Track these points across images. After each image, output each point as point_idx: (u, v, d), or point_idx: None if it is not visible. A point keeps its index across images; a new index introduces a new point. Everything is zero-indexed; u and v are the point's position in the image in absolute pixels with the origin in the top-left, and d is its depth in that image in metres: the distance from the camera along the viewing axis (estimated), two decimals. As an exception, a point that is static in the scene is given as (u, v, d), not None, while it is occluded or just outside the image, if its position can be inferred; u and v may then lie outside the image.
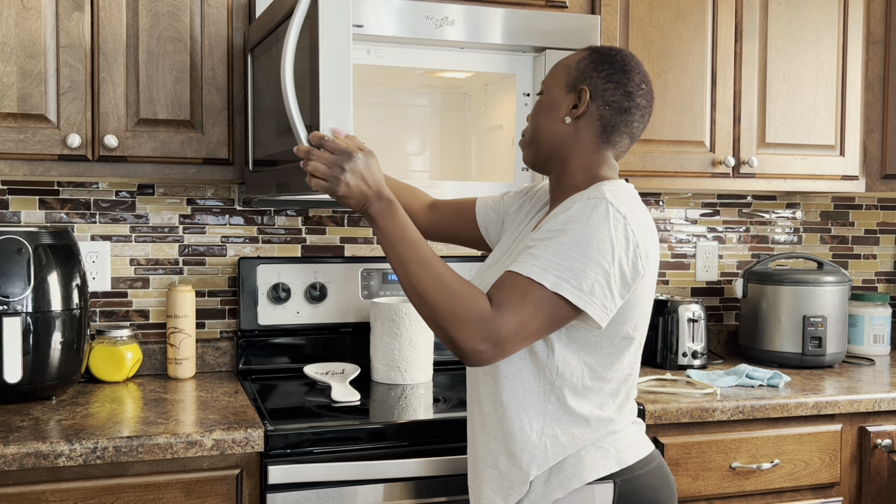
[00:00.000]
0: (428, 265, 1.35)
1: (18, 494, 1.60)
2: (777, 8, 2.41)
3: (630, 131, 1.50)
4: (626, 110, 1.48)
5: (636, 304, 1.42)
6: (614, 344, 1.43)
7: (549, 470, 1.44)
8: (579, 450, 1.43)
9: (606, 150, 1.50)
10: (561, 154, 1.51)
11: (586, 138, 1.49)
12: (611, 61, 1.49)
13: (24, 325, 1.87)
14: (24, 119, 1.88)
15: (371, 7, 1.92)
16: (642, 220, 1.40)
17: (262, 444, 1.71)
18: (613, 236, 1.34)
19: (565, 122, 1.49)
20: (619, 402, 1.47)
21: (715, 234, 2.82)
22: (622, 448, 1.45)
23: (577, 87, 1.49)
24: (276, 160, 1.84)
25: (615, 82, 1.47)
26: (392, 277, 2.38)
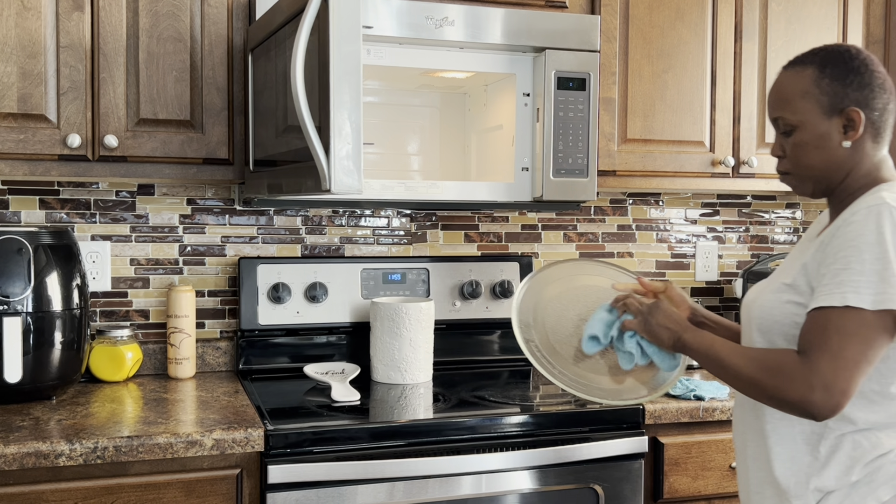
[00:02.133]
0: (734, 357, 1.41)
1: (18, 494, 1.60)
2: (777, 8, 2.41)
3: (893, 117, 1.48)
4: (887, 104, 1.45)
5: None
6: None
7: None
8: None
9: (881, 149, 1.48)
10: (841, 175, 1.47)
11: (864, 151, 1.46)
12: (851, 68, 1.44)
13: (25, 325, 1.87)
14: (24, 119, 1.88)
15: (371, 7, 1.92)
16: None
17: (262, 444, 1.71)
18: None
19: (843, 147, 1.45)
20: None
21: (715, 234, 2.82)
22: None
23: (839, 109, 1.43)
24: (276, 160, 1.84)
25: (870, 86, 1.44)
26: (392, 277, 2.38)
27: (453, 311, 2.43)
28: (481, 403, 1.98)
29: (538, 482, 1.86)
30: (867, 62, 1.45)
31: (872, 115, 1.44)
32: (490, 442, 1.83)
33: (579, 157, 2.10)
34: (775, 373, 1.35)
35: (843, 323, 1.31)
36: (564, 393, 2.11)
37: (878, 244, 1.32)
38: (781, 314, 1.44)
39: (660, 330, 1.54)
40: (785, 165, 1.50)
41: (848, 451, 1.39)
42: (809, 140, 1.45)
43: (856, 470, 1.39)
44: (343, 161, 1.56)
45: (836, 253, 1.36)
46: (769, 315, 1.46)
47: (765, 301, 1.48)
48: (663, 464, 2.00)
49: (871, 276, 1.31)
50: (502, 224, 2.59)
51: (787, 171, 1.50)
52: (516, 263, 2.49)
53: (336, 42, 1.54)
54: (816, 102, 1.44)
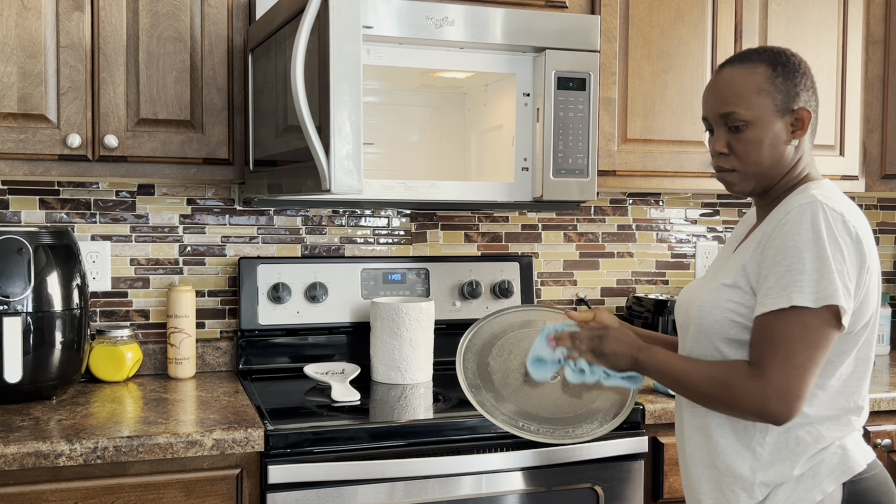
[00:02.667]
0: (689, 374, 1.44)
1: (19, 494, 1.60)
2: (777, 8, 2.41)
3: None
4: (817, 104, 1.50)
5: (870, 300, 1.42)
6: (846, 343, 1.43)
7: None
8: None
9: (811, 144, 1.52)
10: (781, 173, 1.50)
11: (803, 149, 1.50)
12: (797, 69, 1.47)
13: (25, 325, 1.87)
14: (24, 119, 1.88)
15: (371, 7, 1.92)
16: (856, 212, 1.42)
17: (262, 444, 1.71)
18: (839, 236, 1.36)
19: (792, 145, 1.48)
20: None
21: (715, 234, 2.82)
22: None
23: (790, 108, 1.46)
24: (276, 160, 1.84)
25: (809, 87, 1.48)
26: (392, 277, 2.38)
27: (453, 311, 2.43)
28: (481, 403, 1.98)
29: (538, 482, 1.86)
30: (805, 64, 1.49)
31: (813, 114, 1.48)
32: (490, 442, 1.83)
33: (579, 157, 2.10)
34: (730, 387, 1.38)
35: (788, 328, 1.35)
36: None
37: (815, 242, 1.35)
38: (722, 314, 1.45)
39: (614, 357, 1.55)
40: (731, 162, 1.49)
41: (791, 446, 1.42)
42: (763, 137, 1.46)
43: (799, 464, 1.41)
44: (343, 161, 1.56)
45: (776, 255, 1.38)
46: (709, 315, 1.47)
47: (704, 302, 1.48)
48: (663, 464, 2.00)
49: (811, 274, 1.34)
50: (502, 224, 2.59)
51: (732, 168, 1.49)
52: (516, 263, 2.49)
53: (336, 42, 1.54)
54: (771, 100, 1.45)
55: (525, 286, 2.49)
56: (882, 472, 1.46)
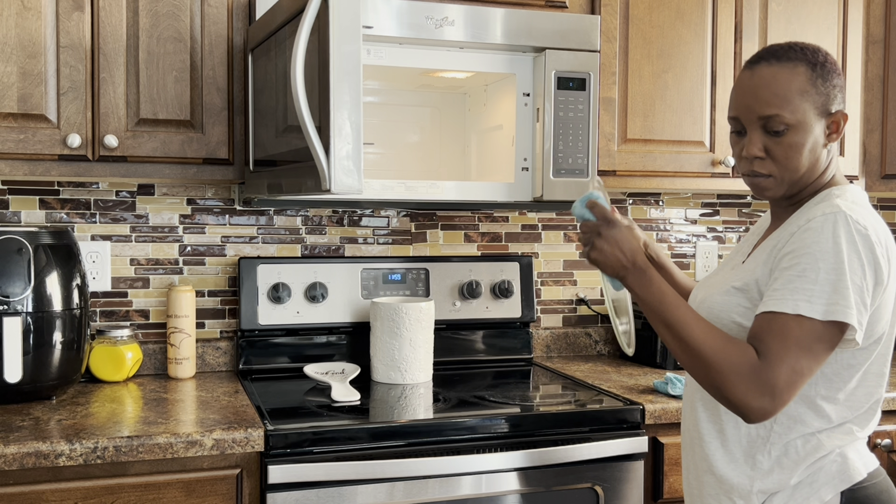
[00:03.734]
0: (690, 327, 1.35)
1: (19, 494, 1.60)
2: (777, 8, 2.41)
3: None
4: (844, 100, 1.44)
5: (882, 315, 1.38)
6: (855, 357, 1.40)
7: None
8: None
9: (837, 147, 1.47)
10: (814, 178, 1.44)
11: (833, 153, 1.45)
12: (833, 70, 1.41)
13: (25, 325, 1.87)
14: (24, 119, 1.88)
15: (371, 7, 1.92)
16: (881, 228, 1.36)
17: (262, 444, 1.71)
18: (861, 251, 1.31)
19: (826, 149, 1.42)
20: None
21: (715, 234, 2.82)
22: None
23: (828, 112, 1.39)
24: (276, 160, 1.84)
25: (843, 89, 1.42)
26: (392, 277, 2.38)
27: (453, 311, 2.43)
28: (481, 403, 1.98)
29: (538, 482, 1.86)
30: (837, 64, 1.43)
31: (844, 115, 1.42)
32: (490, 442, 1.83)
33: (579, 157, 2.10)
34: (731, 371, 1.31)
35: (800, 333, 1.31)
36: (564, 393, 2.11)
37: (833, 253, 1.31)
38: (728, 318, 1.43)
39: (602, 257, 1.45)
40: (767, 167, 1.41)
41: (790, 455, 1.40)
42: (804, 142, 1.38)
43: (797, 472, 1.39)
44: (343, 161, 1.56)
45: (792, 259, 1.34)
46: (716, 318, 1.45)
47: (713, 304, 1.46)
48: (663, 464, 2.00)
49: (824, 286, 1.30)
50: (502, 224, 2.59)
51: (769, 174, 1.41)
52: (516, 263, 2.49)
53: (336, 42, 1.54)
54: (812, 103, 1.38)
55: (525, 286, 2.49)
56: (884, 480, 1.44)
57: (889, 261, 1.35)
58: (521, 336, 2.50)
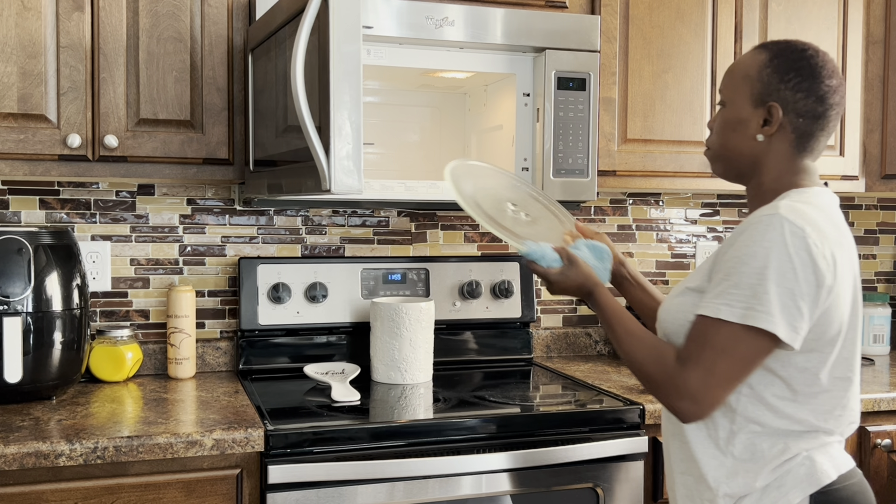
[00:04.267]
0: (625, 339, 1.47)
1: (19, 494, 1.60)
2: (777, 8, 2.41)
3: (828, 131, 1.46)
4: (820, 115, 1.43)
5: (831, 319, 1.36)
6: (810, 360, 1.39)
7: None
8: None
9: (803, 158, 1.46)
10: (753, 168, 1.48)
11: (780, 151, 1.45)
12: (797, 67, 1.42)
13: (25, 325, 1.87)
14: (24, 119, 1.88)
15: (371, 7, 1.92)
16: (825, 228, 1.35)
17: (262, 444, 1.71)
18: (793, 253, 1.30)
19: (757, 140, 1.45)
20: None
21: (715, 234, 2.82)
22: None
23: (765, 102, 1.43)
24: (276, 160, 1.84)
25: (805, 90, 1.42)
26: (392, 277, 2.38)
27: (453, 311, 2.43)
28: (481, 403, 1.98)
29: (538, 482, 1.86)
30: (819, 69, 1.42)
31: (796, 119, 1.43)
32: (490, 442, 1.83)
33: (579, 157, 2.10)
34: (654, 375, 1.40)
35: (717, 337, 1.33)
36: (564, 393, 2.11)
37: (761, 257, 1.31)
38: (684, 318, 1.43)
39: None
40: (709, 140, 1.53)
41: (757, 458, 1.40)
42: (730, 119, 1.47)
43: (763, 474, 1.39)
44: (343, 161, 1.56)
45: (725, 262, 1.36)
46: (673, 319, 1.46)
47: (670, 305, 1.48)
48: (663, 464, 2.00)
49: (745, 290, 1.31)
50: (502, 224, 2.59)
51: (708, 146, 1.53)
52: (516, 263, 2.49)
53: (336, 42, 1.54)
54: (750, 88, 1.44)
55: (525, 286, 2.49)
56: (859, 483, 1.42)
57: (832, 262, 1.34)
58: (520, 336, 2.50)
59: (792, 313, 1.31)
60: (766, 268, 1.30)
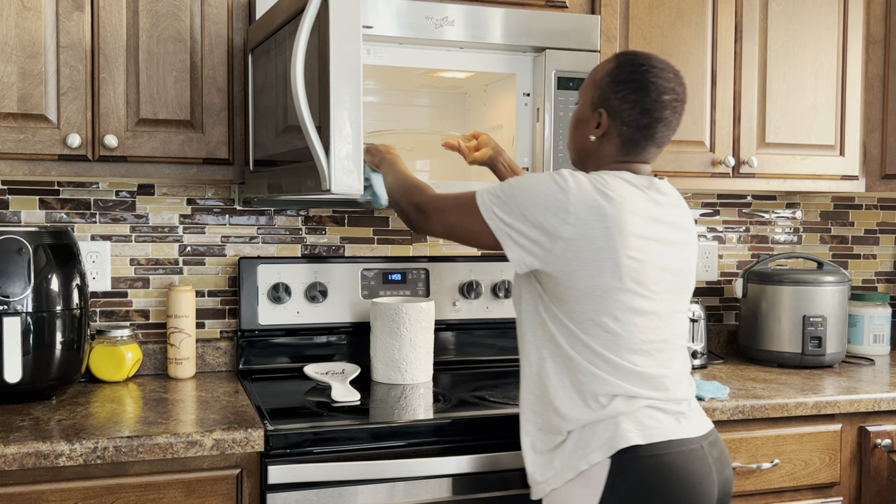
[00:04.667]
0: (405, 179, 1.74)
1: (18, 494, 1.60)
2: (777, 8, 2.41)
3: (655, 142, 1.60)
4: (645, 126, 1.57)
5: (572, 266, 1.50)
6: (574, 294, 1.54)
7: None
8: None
9: (627, 157, 1.61)
10: (586, 163, 1.66)
11: (608, 153, 1.62)
12: (629, 79, 1.56)
13: (24, 325, 1.87)
14: (24, 119, 1.88)
15: (371, 7, 1.92)
16: (598, 184, 1.51)
17: (262, 444, 1.71)
18: (545, 187, 1.51)
19: (590, 140, 1.62)
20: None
21: (715, 234, 2.82)
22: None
23: (597, 107, 1.60)
24: (276, 160, 1.84)
25: (631, 102, 1.56)
26: (392, 277, 2.38)
27: (453, 311, 2.43)
28: (481, 403, 1.98)
29: (538, 482, 1.86)
30: (649, 84, 1.55)
31: (621, 127, 1.57)
32: (490, 442, 1.83)
33: (579, 157, 2.10)
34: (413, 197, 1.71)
35: (468, 202, 1.60)
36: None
37: (530, 177, 1.55)
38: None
39: (369, 157, 1.84)
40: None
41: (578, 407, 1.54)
42: (576, 116, 1.66)
43: (587, 417, 1.54)
44: (343, 161, 1.56)
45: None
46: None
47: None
48: (663, 464, 2.00)
49: (500, 185, 1.58)
50: (502, 224, 2.58)
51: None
52: (516, 263, 2.49)
53: (336, 42, 1.54)
54: (592, 92, 1.61)
55: (525, 286, 2.49)
56: (671, 457, 1.48)
57: (572, 219, 1.48)
58: (521, 336, 2.50)
59: (510, 222, 1.54)
60: (521, 185, 1.54)
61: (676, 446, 1.50)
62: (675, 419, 1.54)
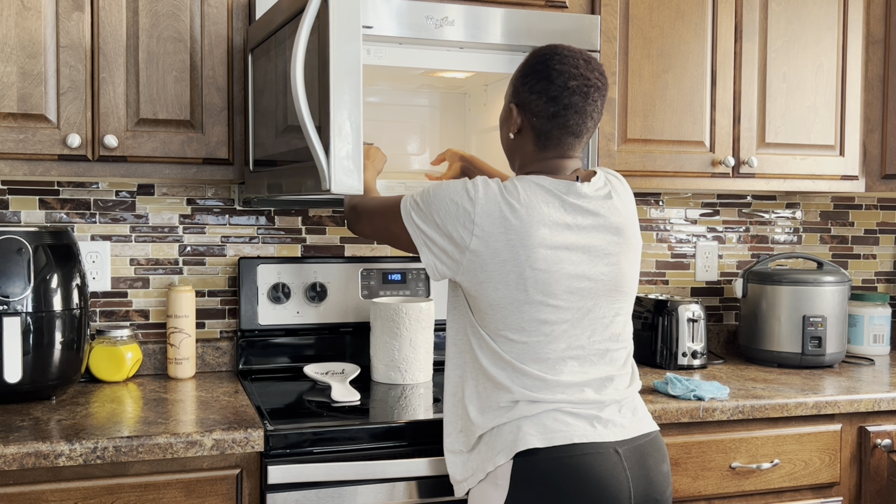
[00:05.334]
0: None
1: (18, 494, 1.60)
2: (777, 8, 2.41)
3: (570, 130, 1.58)
4: (554, 115, 1.57)
5: (478, 277, 1.52)
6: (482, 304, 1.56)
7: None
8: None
9: (546, 153, 1.61)
10: (513, 162, 1.68)
11: (527, 150, 1.63)
12: (533, 70, 1.57)
13: (24, 325, 1.87)
14: (24, 119, 1.88)
15: (371, 7, 1.92)
16: (506, 194, 1.51)
17: (262, 444, 1.71)
18: (457, 195, 1.52)
19: (510, 138, 1.65)
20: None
21: (715, 234, 2.82)
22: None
23: (510, 104, 1.62)
24: (276, 160, 1.84)
25: (537, 92, 1.56)
26: (392, 277, 2.38)
27: (453, 311, 2.43)
28: (481, 403, 1.97)
29: (538, 482, 1.86)
30: (553, 72, 1.55)
31: (532, 118, 1.58)
32: (490, 442, 1.83)
33: (579, 157, 2.10)
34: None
35: (390, 206, 1.64)
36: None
37: (444, 184, 1.56)
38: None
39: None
40: None
41: (485, 413, 1.58)
42: (500, 119, 1.67)
43: (487, 425, 1.57)
44: (343, 161, 1.56)
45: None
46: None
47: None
48: (663, 464, 2.00)
49: (421, 193, 1.59)
50: (502, 224, 2.58)
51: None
52: (516, 263, 2.49)
53: (336, 42, 1.54)
54: (508, 90, 1.63)
55: (525, 286, 2.49)
56: (577, 458, 1.50)
57: (477, 231, 1.50)
58: (521, 336, 2.50)
59: (422, 221, 1.56)
60: (438, 190, 1.56)
61: (582, 449, 1.51)
62: (589, 423, 1.54)
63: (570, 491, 1.49)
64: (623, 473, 1.52)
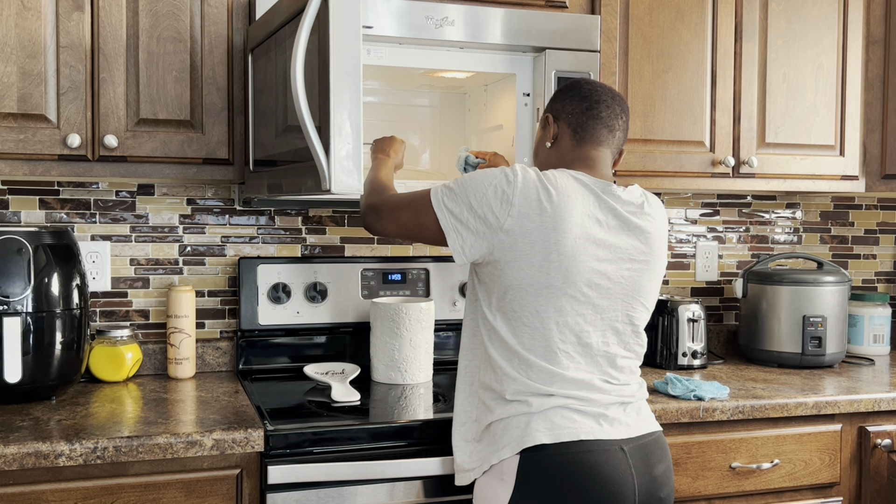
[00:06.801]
0: (373, 180, 1.82)
1: (18, 494, 1.60)
2: (777, 8, 2.41)
3: (603, 122, 1.66)
4: (588, 109, 1.66)
5: (506, 263, 1.55)
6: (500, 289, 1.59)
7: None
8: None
9: (582, 145, 1.67)
10: (540, 166, 1.73)
11: (563, 147, 1.69)
12: (563, 89, 1.71)
13: (24, 325, 1.87)
14: (24, 119, 1.88)
15: (371, 7, 1.92)
16: (544, 179, 1.55)
17: (262, 444, 1.71)
18: (496, 179, 1.56)
19: (547, 146, 1.72)
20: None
21: (715, 234, 2.82)
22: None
23: (546, 117, 1.72)
24: (276, 160, 1.84)
25: (570, 98, 1.69)
26: (392, 277, 2.38)
27: (453, 311, 2.43)
28: (481, 403, 1.97)
29: (538, 482, 1.86)
30: (583, 87, 1.69)
31: (567, 117, 1.68)
32: (490, 442, 1.83)
33: (579, 157, 2.10)
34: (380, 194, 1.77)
35: (421, 200, 1.64)
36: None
37: (477, 174, 1.60)
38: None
39: (372, 150, 1.96)
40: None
41: (491, 409, 1.61)
42: (535, 143, 1.78)
43: (490, 421, 1.61)
44: (343, 161, 1.56)
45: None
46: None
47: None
48: (663, 464, 2.00)
49: (450, 183, 1.62)
50: (502, 224, 2.58)
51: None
52: (516, 263, 2.49)
53: (336, 42, 1.54)
54: (542, 116, 1.74)
55: (525, 286, 2.49)
56: (584, 455, 1.51)
57: (514, 211, 1.53)
58: (521, 336, 2.50)
59: (455, 206, 1.58)
60: (472, 179, 1.59)
61: (588, 447, 1.53)
62: (596, 421, 1.56)
63: (576, 488, 1.50)
64: (628, 471, 1.54)
